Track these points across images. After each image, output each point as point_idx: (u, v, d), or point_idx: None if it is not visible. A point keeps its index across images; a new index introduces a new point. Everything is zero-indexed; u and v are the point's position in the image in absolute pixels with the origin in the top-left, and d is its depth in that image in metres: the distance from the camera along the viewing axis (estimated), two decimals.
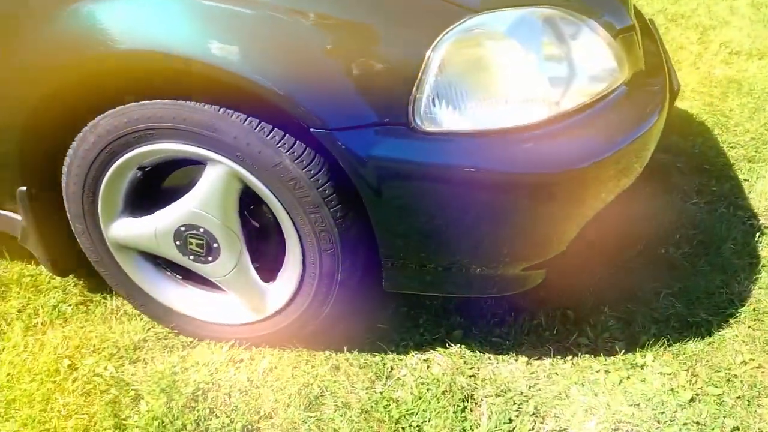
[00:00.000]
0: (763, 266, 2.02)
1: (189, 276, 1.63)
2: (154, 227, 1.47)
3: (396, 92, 1.23)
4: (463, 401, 1.60)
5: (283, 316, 1.57)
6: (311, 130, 1.25)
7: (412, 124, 1.25)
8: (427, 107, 1.25)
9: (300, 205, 1.35)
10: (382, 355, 1.72)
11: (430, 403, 1.59)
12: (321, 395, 1.61)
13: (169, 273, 1.64)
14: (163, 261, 1.62)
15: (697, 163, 2.51)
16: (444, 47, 1.22)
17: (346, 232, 1.39)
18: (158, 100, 1.31)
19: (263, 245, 1.54)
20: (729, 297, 1.91)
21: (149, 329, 1.77)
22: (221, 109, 1.30)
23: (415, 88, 1.22)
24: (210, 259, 1.49)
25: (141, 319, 1.79)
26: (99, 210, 1.47)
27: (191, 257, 1.51)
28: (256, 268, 1.55)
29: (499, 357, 1.72)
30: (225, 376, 1.65)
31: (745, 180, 2.42)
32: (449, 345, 1.74)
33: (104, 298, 1.87)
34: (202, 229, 1.45)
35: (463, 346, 1.75)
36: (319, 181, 1.33)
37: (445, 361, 1.71)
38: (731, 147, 2.62)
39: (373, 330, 1.78)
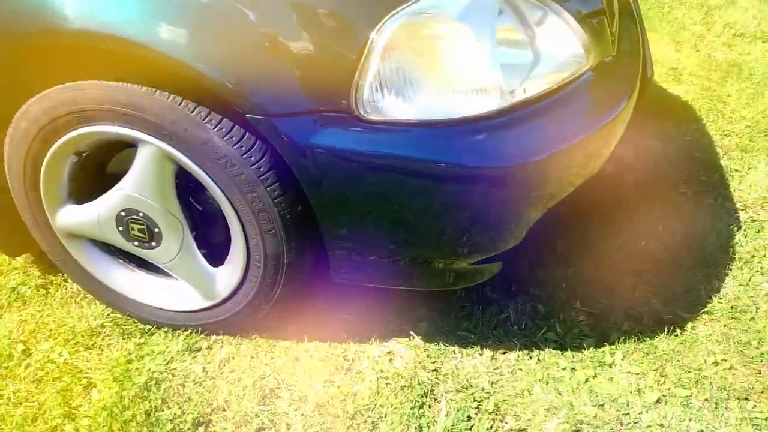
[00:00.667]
0: (746, 262, 1.95)
1: (143, 263, 1.59)
2: (97, 214, 1.43)
3: (338, 78, 1.16)
4: (422, 396, 1.56)
5: (234, 301, 1.53)
6: (247, 116, 1.19)
7: (355, 113, 1.19)
8: (371, 95, 1.18)
9: (234, 185, 1.29)
10: (345, 346, 1.68)
11: (387, 398, 1.55)
12: (277, 388, 1.57)
13: (122, 260, 1.60)
14: (115, 248, 1.58)
15: (687, 151, 2.43)
16: (389, 31, 1.15)
17: (287, 211, 1.33)
18: (81, 82, 1.26)
19: (213, 230, 1.49)
20: (708, 294, 1.84)
21: (108, 314, 1.73)
22: (144, 88, 1.24)
23: (357, 75, 1.16)
24: (153, 244, 1.45)
25: (100, 304, 1.76)
26: (43, 199, 1.42)
27: (135, 243, 1.47)
28: (208, 254, 1.50)
29: (464, 351, 1.68)
30: (180, 365, 1.61)
31: (736, 170, 2.34)
32: (414, 338, 1.70)
33: (65, 280, 1.83)
34: (141, 214, 1.41)
35: (428, 339, 1.70)
36: (252, 158, 1.27)
37: (408, 354, 1.66)
38: (725, 135, 2.53)
39: (337, 321, 1.73)
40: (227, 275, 1.49)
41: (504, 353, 1.67)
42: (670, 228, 2.06)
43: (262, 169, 1.28)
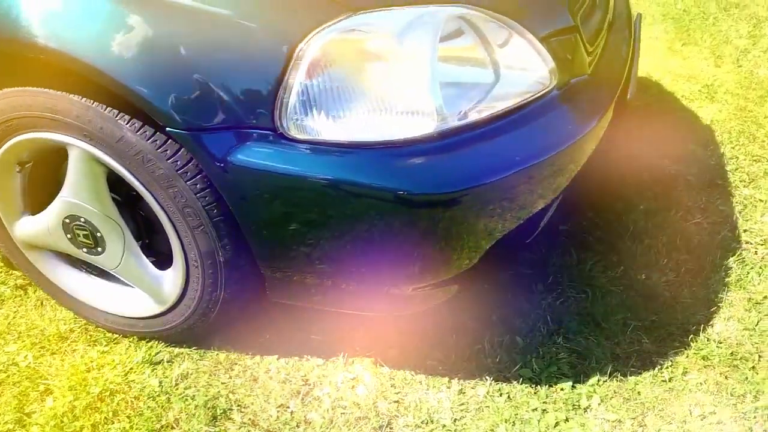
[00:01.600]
0: (756, 304, 1.79)
1: (103, 270, 1.57)
2: (47, 223, 1.41)
3: (261, 94, 1.11)
4: (377, 430, 1.49)
5: (183, 305, 1.49)
6: (167, 129, 1.15)
7: (279, 130, 1.13)
8: (297, 112, 1.12)
9: (154, 180, 1.25)
10: (308, 369, 1.62)
11: (340, 429, 1.49)
12: (229, 409, 1.53)
13: (80, 268, 1.59)
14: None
15: (710, 177, 2.26)
16: (316, 47, 1.08)
17: (213, 206, 1.27)
18: (4, 90, 1.25)
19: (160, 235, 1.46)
20: (707, 336, 1.70)
21: (78, 320, 1.73)
22: (59, 92, 1.22)
23: (282, 91, 1.10)
24: (99, 249, 1.43)
25: None
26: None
27: (84, 250, 1.45)
28: (159, 258, 1.47)
29: (431, 382, 1.59)
30: (138, 377, 1.59)
31: (761, 201, 2.16)
32: (381, 365, 1.63)
33: None
34: (83, 219, 1.39)
35: (396, 366, 1.62)
36: (168, 152, 1.22)
37: (373, 382, 1.59)
38: (755, 160, 2.35)
39: (303, 341, 1.68)
40: (173, 278, 1.46)
41: (473, 388, 1.58)
42: (676, 260, 1.92)
43: (179, 163, 1.23)
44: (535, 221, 1.39)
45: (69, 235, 1.42)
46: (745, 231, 2.04)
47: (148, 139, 1.21)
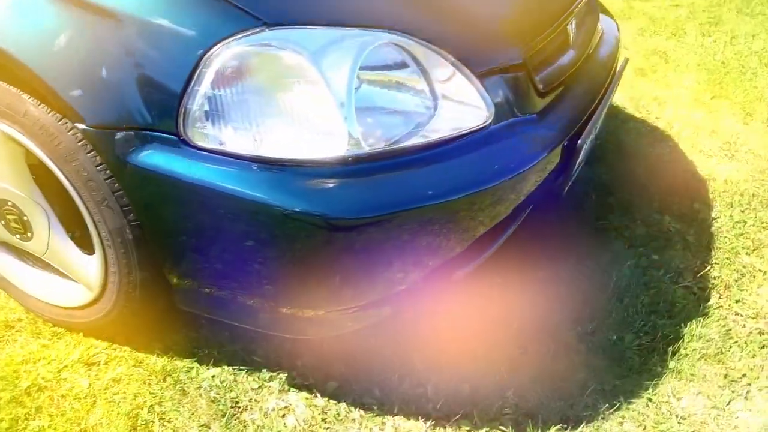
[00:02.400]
0: (732, 381, 1.66)
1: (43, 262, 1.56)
2: None
3: (167, 98, 1.10)
4: None
5: (109, 290, 1.45)
6: (75, 124, 1.14)
7: (182, 136, 1.11)
8: (201, 121, 1.10)
9: (58, 154, 1.24)
10: (240, 390, 1.57)
11: None
12: (151, 422, 1.49)
13: (27, 259, 1.58)
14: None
15: (708, 240, 2.13)
16: (225, 57, 1.07)
17: (113, 180, 1.24)
18: None
19: None
20: (670, 410, 1.58)
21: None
22: None
23: (187, 97, 1.08)
24: (30, 235, 1.42)
25: None
26: None
27: (17, 236, 1.44)
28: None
29: (365, 422, 1.52)
30: (71, 376, 1.57)
31: (760, 271, 2.02)
32: (317, 395, 1.56)
33: None
34: (10, 203, 1.39)
35: (332, 399, 1.56)
36: (67, 125, 1.20)
37: (305, 414, 1.53)
38: (763, 227, 2.21)
39: (244, 362, 1.63)
40: (95, 261, 1.43)
41: None
42: (653, 324, 1.81)
43: (79, 136, 1.21)
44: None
45: (2, 222, 1.42)
46: (737, 302, 1.91)
47: (49, 112, 1.21)
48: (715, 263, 2.04)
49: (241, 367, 1.61)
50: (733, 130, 2.77)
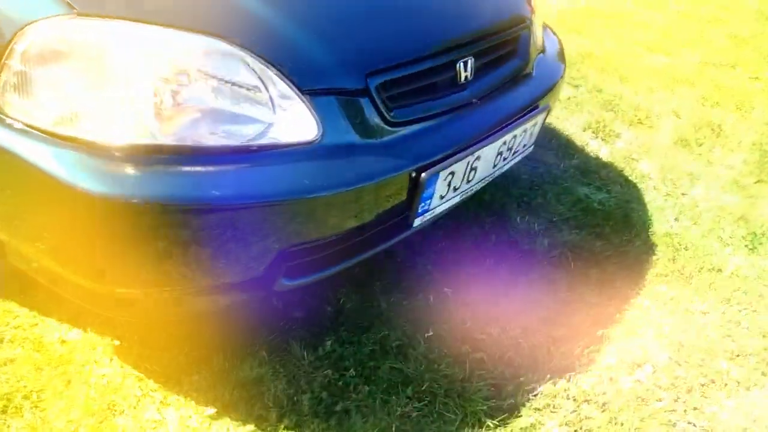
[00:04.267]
0: None
1: None
2: None
3: None
4: None
5: None
6: None
7: None
8: (8, 92, 1.19)
9: None
10: (124, 395, 1.54)
11: None
12: (22, 407, 1.48)
13: None
14: None
15: (689, 337, 1.92)
16: (32, 36, 1.15)
17: None
18: None
19: None
20: None
21: None
22: None
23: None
24: None
25: None
26: None
27: None
28: None
29: None
30: None
31: (737, 382, 1.80)
32: (194, 416, 1.51)
33: None
34: None
35: (205, 424, 1.51)
36: None
37: None
38: (758, 333, 1.97)
39: (142, 368, 1.61)
40: None
41: None
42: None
43: None
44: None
45: None
46: (694, 409, 1.70)
47: None
48: (686, 362, 1.83)
49: (136, 373, 1.59)
50: (765, 222, 2.50)
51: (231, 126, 1.22)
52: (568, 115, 3.12)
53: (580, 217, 2.35)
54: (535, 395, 1.65)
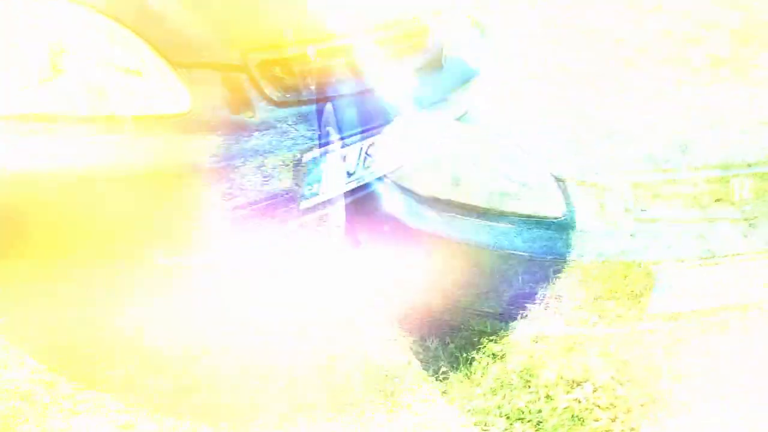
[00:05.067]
0: None
1: None
2: None
3: None
4: None
5: None
6: None
7: None
8: None
9: None
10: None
11: None
12: None
13: None
14: None
15: None
16: None
17: None
18: None
19: None
20: None
21: None
22: None
23: None
24: None
25: None
26: None
27: None
28: None
29: None
30: None
31: None
32: None
33: None
34: None
35: None
36: None
37: None
38: None
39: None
40: None
41: None
42: None
43: None
44: None
45: None
46: None
47: None
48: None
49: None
50: None
51: (111, 93, 1.28)
52: None
53: None
54: (467, 411, 1.63)
